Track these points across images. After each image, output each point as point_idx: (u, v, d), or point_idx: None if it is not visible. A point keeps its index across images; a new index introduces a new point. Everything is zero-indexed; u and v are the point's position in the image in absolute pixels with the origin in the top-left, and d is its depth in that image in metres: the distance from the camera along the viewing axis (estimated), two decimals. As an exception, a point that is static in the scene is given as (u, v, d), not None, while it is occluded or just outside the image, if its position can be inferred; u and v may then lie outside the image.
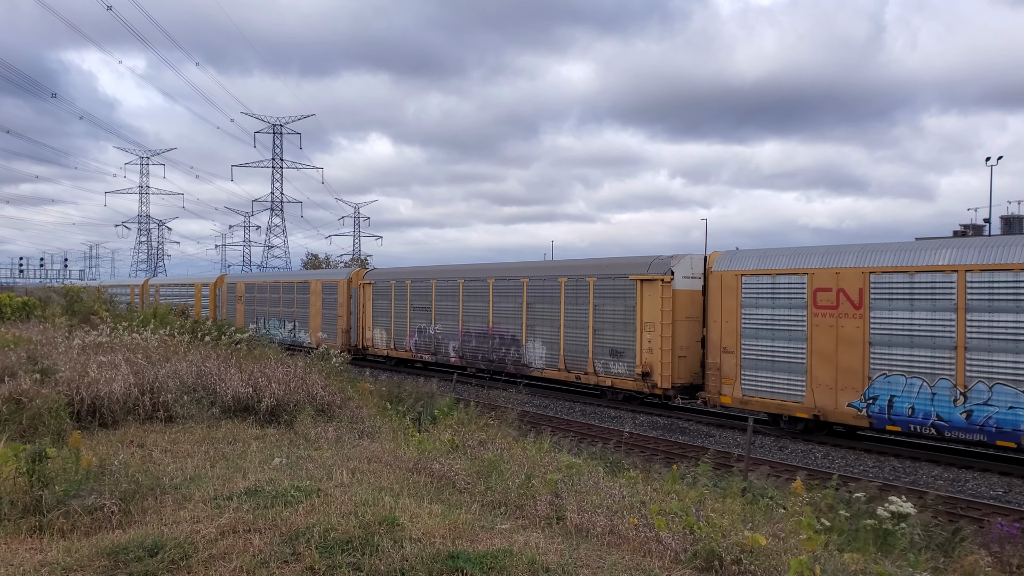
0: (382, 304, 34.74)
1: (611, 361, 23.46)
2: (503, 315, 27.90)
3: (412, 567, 5.45)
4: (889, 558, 7.26)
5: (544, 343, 26.12)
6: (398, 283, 33.74)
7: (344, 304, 37.49)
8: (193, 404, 11.88)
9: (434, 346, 31.31)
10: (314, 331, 38.94)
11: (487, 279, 28.80)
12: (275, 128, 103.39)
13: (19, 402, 10.29)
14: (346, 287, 37.48)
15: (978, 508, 13.36)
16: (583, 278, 24.68)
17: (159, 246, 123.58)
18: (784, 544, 6.44)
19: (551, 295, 25.88)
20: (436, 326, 31.23)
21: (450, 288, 30.68)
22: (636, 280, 22.72)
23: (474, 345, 29.21)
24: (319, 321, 39.20)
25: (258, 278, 48.86)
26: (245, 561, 5.53)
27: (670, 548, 6.18)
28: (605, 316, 23.80)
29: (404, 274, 34.26)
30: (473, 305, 29.37)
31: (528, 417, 19.81)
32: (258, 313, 45.15)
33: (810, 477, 14.22)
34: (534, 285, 26.64)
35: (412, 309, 32.70)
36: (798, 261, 18.94)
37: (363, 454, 9.42)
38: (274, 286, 44.41)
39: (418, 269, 34.35)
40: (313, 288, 40.07)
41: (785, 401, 18.82)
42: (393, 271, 36.11)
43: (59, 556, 5.74)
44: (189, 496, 7.22)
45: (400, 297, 33.51)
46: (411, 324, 32.76)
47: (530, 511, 7.23)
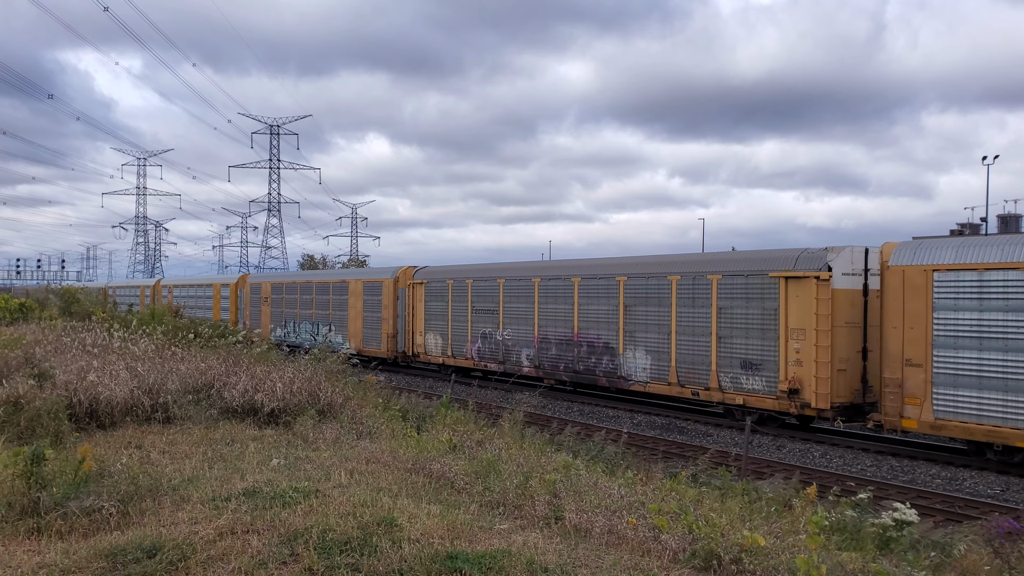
0: (436, 306, 31.23)
1: (743, 375, 19.83)
2: (592, 319, 24.24)
3: (411, 567, 5.45)
4: (887, 558, 7.27)
5: (648, 352, 22.38)
6: (456, 283, 30.14)
7: (390, 306, 33.65)
8: (191, 406, 11.88)
9: (502, 354, 27.73)
10: (353, 336, 35.64)
11: (570, 277, 25.23)
12: (272, 129, 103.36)
13: (17, 404, 10.28)
14: (392, 287, 33.58)
15: (976, 507, 13.37)
16: (702, 276, 20.98)
17: (156, 247, 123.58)
18: (782, 543, 6.45)
19: (657, 296, 22.17)
20: (504, 331, 27.68)
21: (522, 288, 27.11)
22: (779, 277, 19.03)
23: (554, 353, 25.65)
24: (359, 325, 35.58)
25: (287, 278, 44.97)
26: (243, 562, 5.53)
27: (669, 548, 6.18)
28: (735, 321, 20.11)
29: (463, 272, 30.52)
30: (553, 307, 25.77)
31: (527, 416, 19.80)
32: (287, 316, 41.54)
33: (807, 476, 14.24)
34: (634, 284, 22.94)
35: (474, 312, 29.10)
36: (1019, 251, 15.13)
37: (361, 455, 9.42)
38: (306, 287, 40.36)
39: (481, 267, 30.69)
40: (352, 288, 36.16)
41: (999, 427, 15.17)
42: (450, 269, 32.16)
43: (57, 558, 5.73)
44: (187, 497, 7.22)
45: (459, 298, 29.94)
46: (472, 329, 29.14)
47: (528, 511, 7.22)
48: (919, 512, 12.77)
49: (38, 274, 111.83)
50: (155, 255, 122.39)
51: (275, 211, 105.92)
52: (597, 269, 24.77)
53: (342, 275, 38.95)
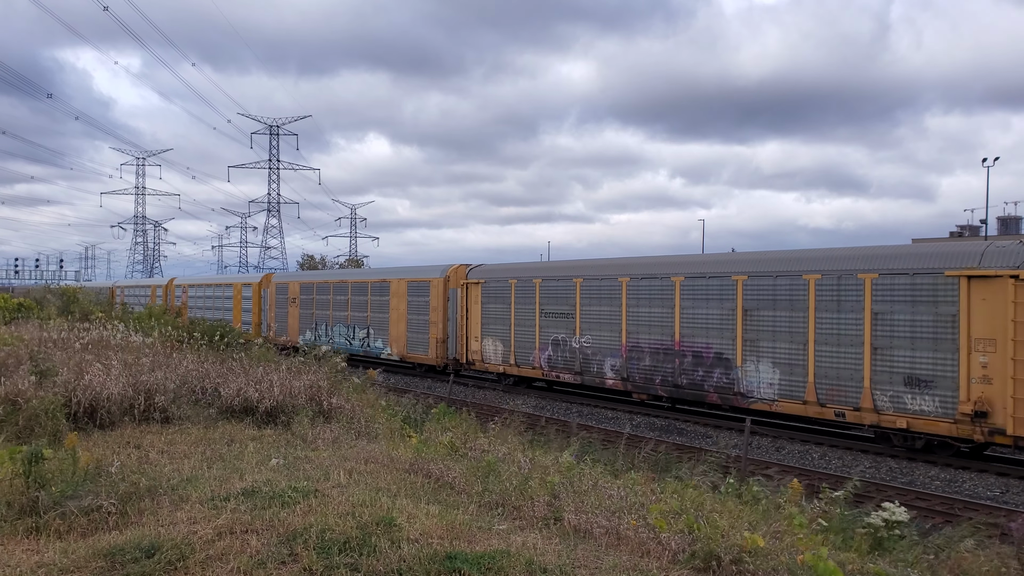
0: (496, 309, 27.85)
1: (906, 393, 16.79)
2: (700, 325, 20.88)
3: (409, 568, 5.44)
4: (885, 558, 7.26)
5: (776, 365, 19.10)
6: (521, 282, 26.82)
7: (439, 308, 30.47)
8: (190, 405, 11.87)
9: (579, 363, 24.37)
10: (396, 341, 32.76)
11: (669, 276, 21.80)
12: (272, 129, 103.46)
13: (15, 403, 10.28)
14: (442, 288, 30.43)
15: (975, 509, 13.36)
16: (850, 275, 17.86)
17: (155, 247, 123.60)
18: (782, 544, 6.44)
19: (789, 298, 18.91)
20: (582, 338, 24.21)
21: (606, 289, 23.71)
22: (958, 277, 15.99)
23: (647, 365, 22.24)
24: (403, 329, 32.46)
25: (318, 277, 41.12)
26: (242, 562, 5.52)
27: (668, 548, 6.18)
28: (896, 328, 16.99)
29: (530, 271, 27.25)
30: (647, 311, 22.33)
31: (527, 418, 19.79)
32: (318, 319, 38.27)
33: (807, 478, 14.24)
34: (758, 285, 19.64)
35: (544, 316, 25.75)
36: None
37: (360, 455, 9.41)
38: (340, 287, 36.98)
39: (552, 265, 27.72)
40: (395, 289, 33.03)
41: None
42: (513, 267, 28.66)
43: (56, 557, 5.72)
44: (186, 497, 7.21)
45: (525, 300, 26.62)
46: (542, 335, 25.82)
47: (528, 512, 7.22)
48: (920, 514, 12.79)
49: (36, 274, 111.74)
50: (154, 255, 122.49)
51: (274, 211, 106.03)
52: (705, 267, 21.38)
53: (383, 274, 35.30)
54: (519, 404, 23.86)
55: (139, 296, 58.46)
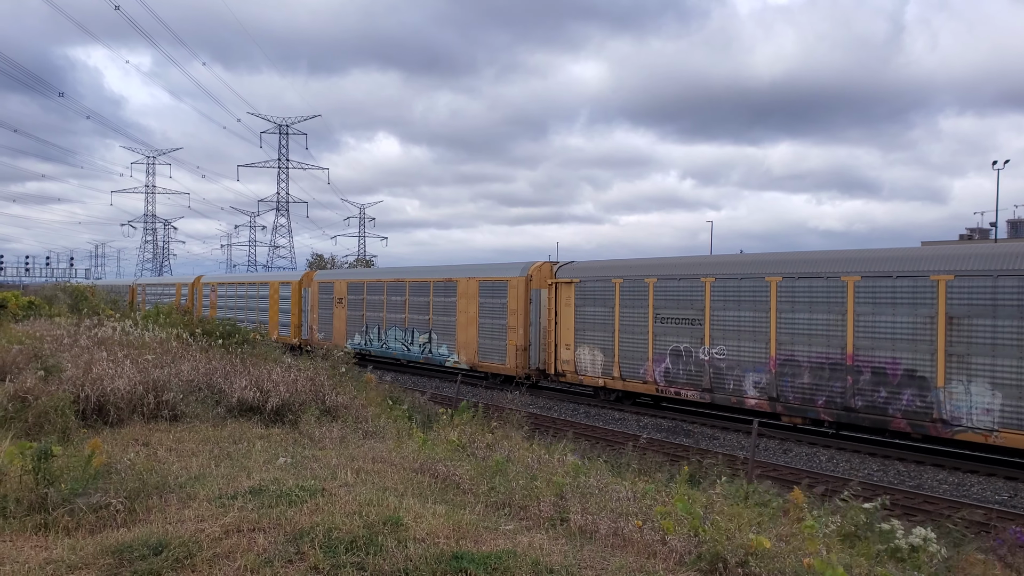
0: (594, 312, 24.29)
1: None
2: (883, 335, 17.44)
3: (416, 567, 5.45)
4: (892, 562, 7.24)
5: (995, 386, 15.67)
6: (629, 282, 23.18)
7: (520, 311, 27.12)
8: (198, 403, 11.91)
9: (709, 378, 20.82)
10: (464, 347, 29.54)
11: (839, 276, 18.20)
12: (281, 128, 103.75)
13: (25, 400, 10.32)
14: (523, 288, 27.13)
15: (983, 513, 13.30)
16: None
17: (165, 245, 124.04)
18: (788, 547, 6.43)
19: (1019, 303, 15.41)
20: (713, 348, 20.66)
21: (747, 290, 20.02)
22: None
23: (806, 382, 18.74)
24: (473, 334, 29.13)
25: (370, 275, 37.21)
26: (249, 560, 5.54)
27: (674, 550, 6.17)
28: None
29: (641, 268, 23.38)
30: (804, 317, 18.74)
31: (533, 419, 19.79)
32: (369, 321, 34.98)
33: (814, 481, 14.20)
34: (967, 287, 16.14)
35: (660, 321, 22.09)
36: None
37: (367, 454, 9.43)
38: (396, 286, 33.58)
39: (671, 261, 23.21)
40: (463, 289, 29.74)
41: None
42: (616, 264, 24.85)
43: (64, 554, 5.75)
44: (194, 495, 7.24)
45: (634, 302, 22.97)
46: (657, 343, 22.20)
47: (534, 512, 7.22)
48: (925, 517, 12.75)
49: (47, 272, 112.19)
50: (163, 253, 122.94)
51: (283, 211, 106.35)
52: (891, 264, 17.66)
53: (449, 272, 31.55)
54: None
55: (162, 295, 55.25)
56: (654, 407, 23.59)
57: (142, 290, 59.52)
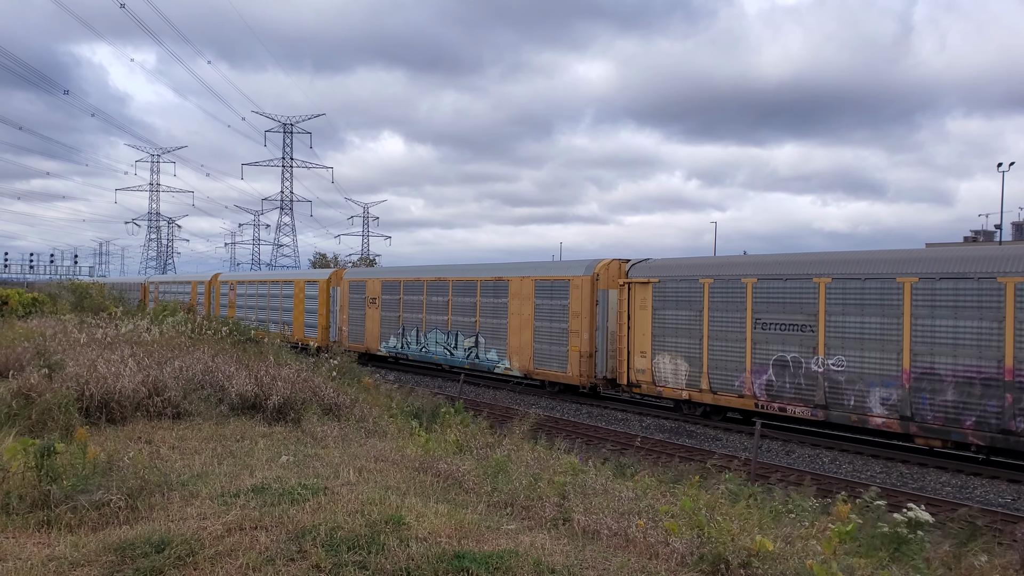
0: (676, 316, 21.52)
1: None
2: None
3: (418, 566, 5.45)
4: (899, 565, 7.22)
5: None
6: (721, 282, 20.44)
7: (584, 314, 24.35)
8: (201, 401, 11.92)
9: (823, 393, 18.18)
10: (517, 353, 26.85)
11: (995, 276, 15.66)
12: (286, 127, 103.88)
13: (28, 397, 10.34)
14: (588, 288, 24.35)
15: (986, 515, 13.28)
16: None
17: (169, 243, 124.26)
18: (792, 548, 6.42)
19: None
20: (829, 358, 18.07)
21: (874, 292, 17.45)
22: None
23: (949, 400, 16.22)
24: (527, 338, 26.40)
25: (408, 273, 33.89)
26: (251, 558, 5.54)
27: (677, 551, 6.16)
28: None
29: (735, 267, 20.69)
30: (947, 324, 16.20)
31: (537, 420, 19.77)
32: (406, 323, 32.41)
33: (817, 482, 14.18)
34: None
35: (760, 327, 19.43)
36: None
37: (370, 453, 9.43)
38: (437, 285, 31.02)
39: (774, 259, 20.32)
40: (516, 289, 27.05)
41: None
42: (705, 262, 22.15)
43: (67, 551, 5.76)
44: (196, 493, 7.24)
45: (727, 305, 20.22)
46: (756, 352, 19.52)
47: (537, 512, 7.22)
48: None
49: (51, 269, 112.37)
50: (167, 251, 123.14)
51: (287, 209, 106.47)
52: None
53: (499, 270, 28.84)
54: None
55: (176, 294, 53.14)
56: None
57: (155, 288, 57.86)
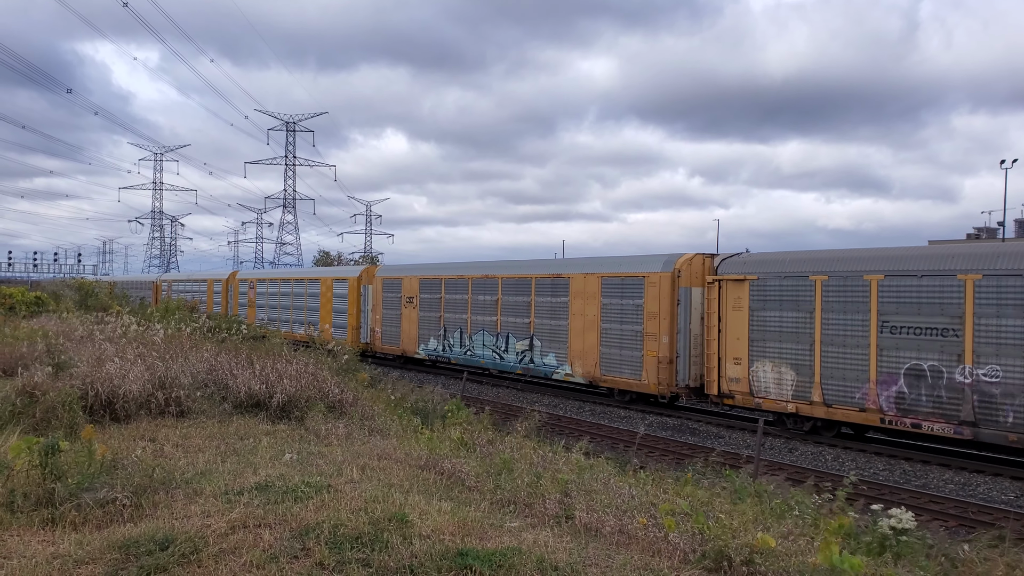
0: (780, 318, 19.09)
1: None
2: None
3: (421, 564, 5.47)
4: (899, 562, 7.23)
5: None
6: (837, 279, 18.00)
7: (664, 315, 21.68)
8: (205, 399, 11.95)
9: (971, 407, 15.74)
10: (580, 357, 24.28)
11: None
12: (288, 126, 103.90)
13: (33, 395, 10.38)
14: (668, 286, 21.72)
15: (989, 512, 13.28)
16: None
17: (172, 242, 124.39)
18: (794, 545, 6.43)
19: None
20: (980, 368, 15.64)
21: None
22: None
23: None
24: (593, 340, 23.86)
25: (450, 271, 31.19)
26: (255, 556, 5.56)
27: (679, 548, 6.17)
28: None
29: (854, 262, 18.02)
30: None
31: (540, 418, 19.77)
32: (448, 324, 30.06)
33: (819, 480, 14.18)
34: None
35: (887, 331, 17.05)
36: None
37: (373, 451, 9.45)
38: (484, 283, 28.43)
39: (902, 253, 17.62)
40: (578, 287, 24.51)
41: None
42: (814, 256, 19.24)
43: (71, 548, 5.78)
44: (200, 491, 7.27)
45: (844, 306, 17.77)
46: (882, 360, 17.16)
47: (539, 510, 7.23)
48: (931, 517, 12.73)
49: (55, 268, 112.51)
50: (170, 250, 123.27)
51: (290, 208, 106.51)
52: None
53: (557, 267, 26.34)
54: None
55: (191, 292, 51.33)
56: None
57: (167, 286, 56.15)
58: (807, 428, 18.99)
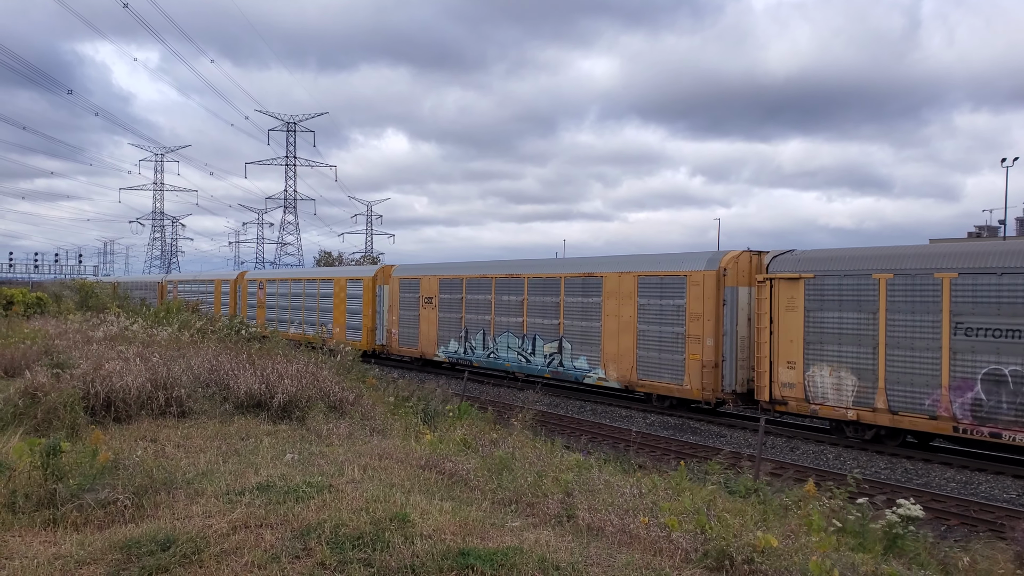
0: (840, 319, 17.79)
1: None
2: None
3: (422, 563, 5.46)
4: (900, 560, 7.23)
5: None
6: (904, 277, 16.75)
7: (708, 315, 20.41)
8: (206, 399, 11.95)
9: None
10: (613, 360, 23.03)
11: None
12: (289, 126, 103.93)
13: (34, 396, 10.37)
14: (711, 285, 20.33)
15: (991, 511, 13.27)
16: None
17: (173, 243, 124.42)
18: (795, 544, 6.43)
19: None
20: None
21: None
22: None
23: None
24: (628, 343, 22.62)
25: (471, 270, 29.88)
26: (256, 556, 5.56)
27: (681, 547, 6.17)
28: None
29: (923, 258, 16.82)
30: None
31: (540, 416, 19.78)
32: (470, 325, 29.00)
33: (822, 479, 14.17)
34: None
35: (960, 332, 15.75)
36: None
37: (374, 451, 9.45)
38: (509, 283, 27.33)
39: (979, 248, 16.77)
40: (612, 287, 23.28)
41: None
42: (878, 253, 17.83)
43: (72, 549, 5.78)
44: (201, 491, 7.27)
45: (912, 306, 16.52)
46: (956, 364, 15.81)
47: (541, 509, 7.23)
48: (933, 516, 12.71)
49: (55, 268, 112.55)
50: (171, 251, 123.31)
51: (291, 208, 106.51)
52: None
53: (589, 265, 24.97)
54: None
55: (198, 293, 50.32)
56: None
57: (173, 287, 55.33)
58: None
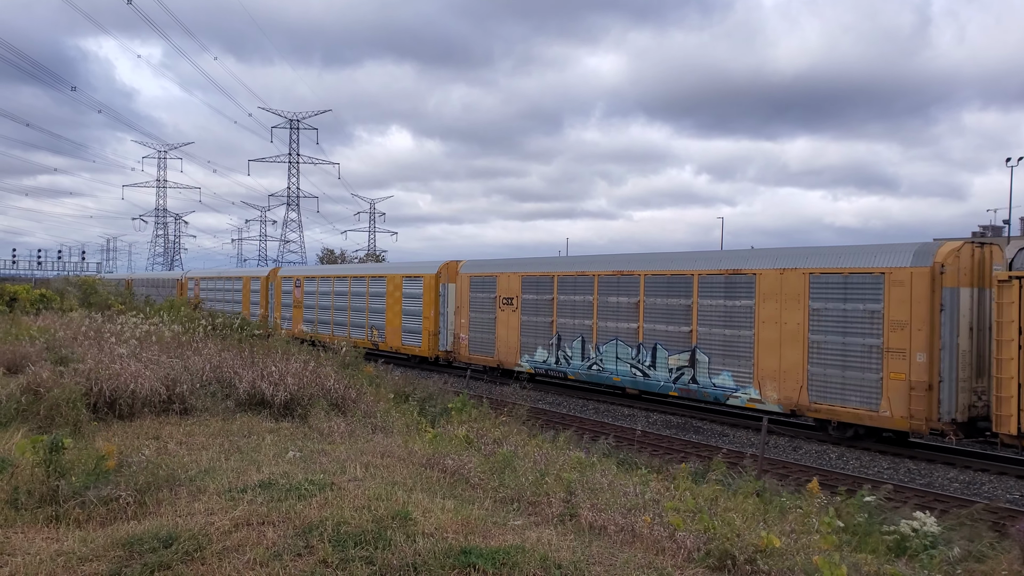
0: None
1: None
2: None
3: (424, 562, 5.46)
4: (903, 560, 7.21)
5: None
6: None
7: (917, 324, 16.32)
8: (208, 397, 11.96)
9: None
10: (772, 378, 18.86)
11: None
12: (292, 123, 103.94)
13: (37, 393, 10.39)
14: (922, 286, 16.33)
15: (994, 512, 13.23)
16: None
17: (176, 240, 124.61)
18: (798, 544, 6.41)
19: None
20: None
21: None
22: None
23: None
24: (796, 357, 18.40)
25: (563, 267, 26.25)
26: (258, 553, 5.56)
27: (683, 546, 6.17)
28: None
29: None
30: None
31: (541, 414, 19.78)
32: (563, 331, 24.90)
33: (824, 478, 14.15)
34: None
35: None
36: None
37: (376, 449, 9.45)
38: (616, 281, 23.24)
39: None
40: (767, 286, 19.16)
41: None
42: None
43: (75, 546, 5.79)
44: (204, 488, 7.27)
45: None
46: None
47: (543, 508, 7.22)
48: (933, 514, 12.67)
49: (59, 265, 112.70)
50: (174, 247, 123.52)
51: (294, 205, 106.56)
52: None
53: (735, 260, 20.69)
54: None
55: (224, 291, 46.95)
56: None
57: (195, 284, 51.29)
58: None
